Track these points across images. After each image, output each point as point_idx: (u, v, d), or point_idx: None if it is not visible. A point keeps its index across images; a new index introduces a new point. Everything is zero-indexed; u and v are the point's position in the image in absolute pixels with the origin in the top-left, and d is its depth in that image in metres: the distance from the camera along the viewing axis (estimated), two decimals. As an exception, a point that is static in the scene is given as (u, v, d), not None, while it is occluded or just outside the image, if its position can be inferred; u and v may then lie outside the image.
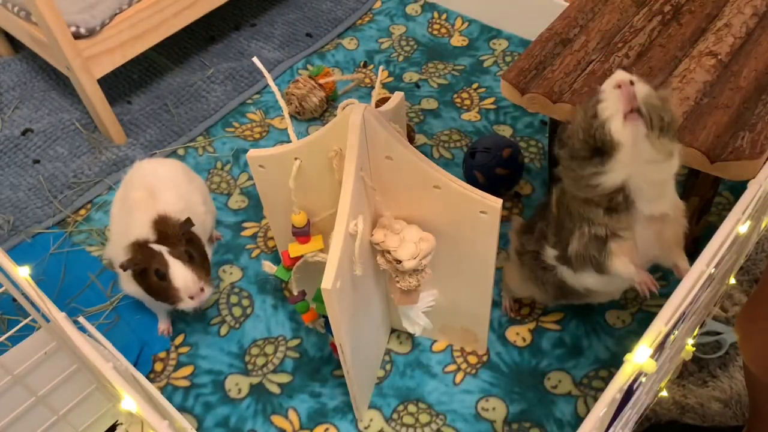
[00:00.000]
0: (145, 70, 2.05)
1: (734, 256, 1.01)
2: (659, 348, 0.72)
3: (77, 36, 1.64)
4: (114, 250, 1.37)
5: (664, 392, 1.21)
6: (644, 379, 0.78)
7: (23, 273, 0.85)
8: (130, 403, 0.75)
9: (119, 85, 2.01)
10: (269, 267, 1.22)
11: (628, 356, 0.61)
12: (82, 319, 1.10)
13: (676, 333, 0.83)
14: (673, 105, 0.98)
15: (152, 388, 0.93)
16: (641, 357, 0.61)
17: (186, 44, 2.12)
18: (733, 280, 1.32)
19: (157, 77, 2.03)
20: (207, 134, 1.86)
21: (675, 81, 1.21)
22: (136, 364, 1.39)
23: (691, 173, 1.26)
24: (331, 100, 1.91)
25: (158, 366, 1.41)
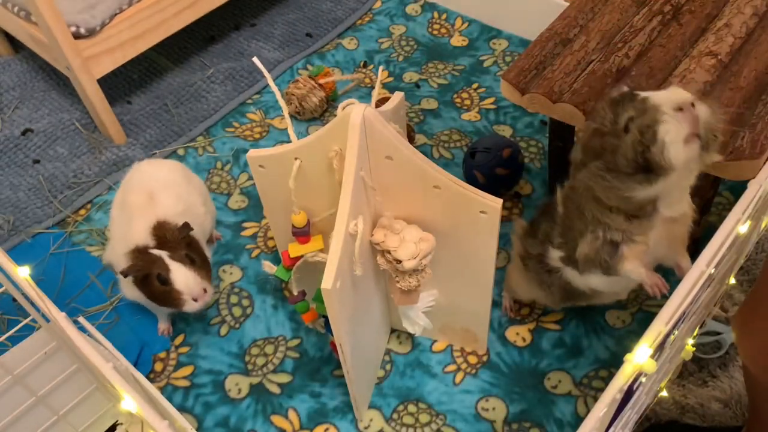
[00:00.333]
0: (145, 70, 2.05)
1: (734, 256, 1.01)
2: (659, 348, 0.72)
3: (77, 36, 1.64)
4: (114, 256, 1.37)
5: (664, 392, 1.21)
6: (644, 379, 0.78)
7: (23, 273, 0.85)
8: (130, 403, 0.75)
9: (119, 85, 2.01)
10: (269, 267, 1.22)
11: (628, 356, 0.61)
12: (82, 319, 1.10)
13: (676, 333, 0.83)
14: (720, 110, 0.94)
15: (152, 388, 0.93)
16: (641, 357, 0.61)
17: (186, 44, 2.12)
18: (733, 280, 1.31)
19: (157, 77, 2.03)
20: (207, 134, 1.86)
21: (675, 81, 1.21)
22: (136, 364, 1.39)
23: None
24: (331, 100, 1.91)
25: (158, 366, 1.41)
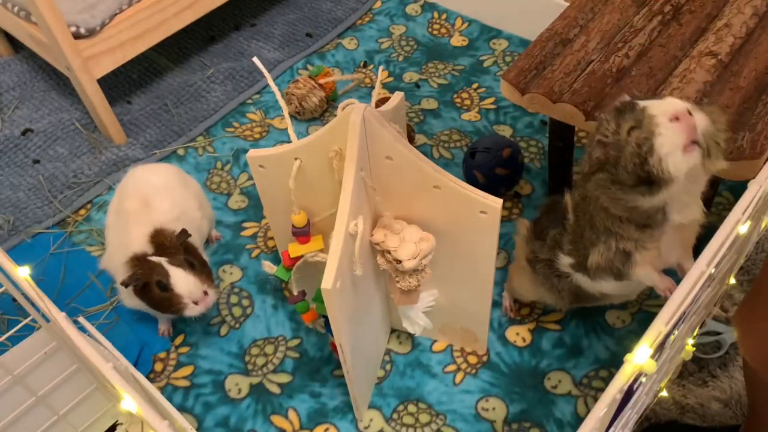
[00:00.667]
0: (145, 70, 2.05)
1: (734, 257, 1.01)
2: (659, 348, 0.71)
3: (77, 36, 1.64)
4: (112, 264, 1.36)
5: (664, 392, 1.21)
6: (644, 379, 0.78)
7: (23, 273, 0.85)
8: (130, 403, 0.75)
9: (119, 85, 2.01)
10: (269, 267, 1.22)
11: (628, 356, 0.61)
12: (82, 319, 1.10)
13: (676, 333, 0.83)
14: (722, 117, 0.93)
15: (152, 388, 0.93)
16: (641, 357, 0.61)
17: (186, 44, 2.12)
18: (733, 280, 1.31)
19: (157, 77, 2.03)
20: (207, 134, 1.86)
21: (675, 81, 1.21)
22: (136, 364, 1.39)
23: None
24: (331, 100, 1.91)
25: (158, 366, 1.41)
